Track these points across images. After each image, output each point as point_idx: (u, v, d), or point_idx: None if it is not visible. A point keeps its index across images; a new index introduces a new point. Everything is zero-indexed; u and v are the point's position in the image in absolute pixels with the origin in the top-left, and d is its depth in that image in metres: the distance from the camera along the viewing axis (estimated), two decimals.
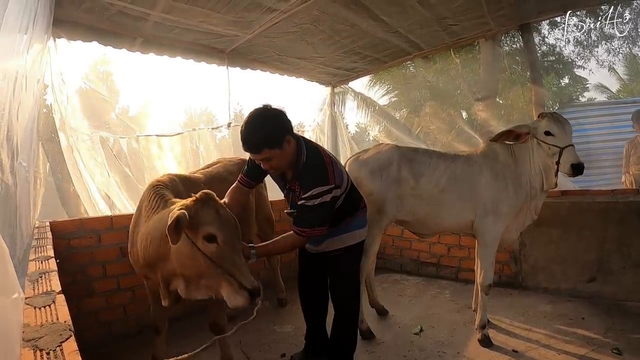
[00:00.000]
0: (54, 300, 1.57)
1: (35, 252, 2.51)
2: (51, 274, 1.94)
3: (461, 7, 4.67)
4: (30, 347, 1.17)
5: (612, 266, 4.57)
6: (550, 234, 4.85)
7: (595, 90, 19.09)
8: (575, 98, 16.85)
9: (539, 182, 3.68)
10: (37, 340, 1.22)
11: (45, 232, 3.22)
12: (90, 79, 6.77)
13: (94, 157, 4.66)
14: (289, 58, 6.07)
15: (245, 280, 2.21)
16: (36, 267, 2.10)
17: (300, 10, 4.35)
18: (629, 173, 6.91)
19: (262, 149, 2.56)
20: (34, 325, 1.33)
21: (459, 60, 7.47)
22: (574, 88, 16.57)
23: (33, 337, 1.24)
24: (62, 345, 1.20)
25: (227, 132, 6.41)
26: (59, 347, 1.19)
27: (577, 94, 17.42)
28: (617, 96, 18.89)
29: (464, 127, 7.09)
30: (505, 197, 3.70)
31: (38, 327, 1.32)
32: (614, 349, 3.51)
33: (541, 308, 4.50)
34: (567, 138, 3.45)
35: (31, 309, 1.47)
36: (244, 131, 2.57)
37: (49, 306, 1.52)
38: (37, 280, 1.84)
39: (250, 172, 3.00)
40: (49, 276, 1.90)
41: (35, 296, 1.62)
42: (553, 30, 12.28)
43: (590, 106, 13.69)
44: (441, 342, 3.83)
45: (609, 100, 17.28)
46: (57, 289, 1.72)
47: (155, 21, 4.43)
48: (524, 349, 3.63)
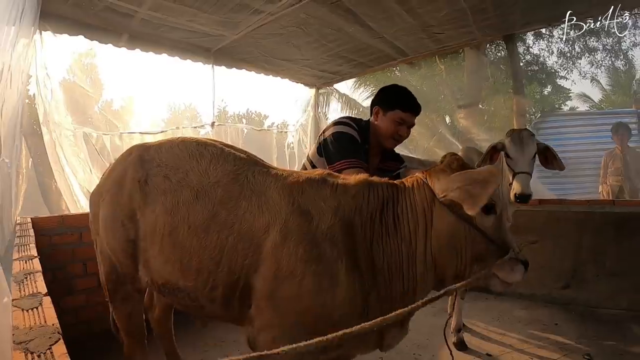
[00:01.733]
0: (40, 303, 1.57)
1: (19, 251, 2.48)
2: (36, 274, 1.93)
3: (447, 16, 4.73)
4: (21, 350, 1.19)
5: (587, 274, 4.68)
6: (528, 241, 4.92)
7: (578, 99, 19.35)
8: (558, 107, 17.08)
9: (506, 193, 3.71)
10: (28, 343, 1.23)
11: (27, 228, 3.20)
12: (74, 71, 6.74)
13: (77, 154, 4.64)
14: (275, 59, 6.10)
15: (517, 249, 1.85)
16: (20, 267, 2.08)
17: (287, 13, 4.38)
18: (607, 184, 7.03)
19: (418, 113, 2.76)
20: (23, 328, 1.35)
21: (443, 66, 7.55)
22: (556, 97, 16.79)
23: (23, 340, 1.25)
24: (51, 348, 1.21)
25: (210, 130, 6.39)
26: (49, 350, 1.21)
27: (560, 103, 17.65)
28: (599, 106, 19.18)
29: (446, 134, 7.17)
30: None
31: (27, 330, 1.34)
32: (586, 354, 3.59)
33: (516, 313, 4.58)
34: (523, 164, 3.34)
35: (19, 311, 1.48)
36: (410, 95, 2.72)
37: (36, 308, 1.52)
38: (23, 281, 1.83)
39: (361, 157, 2.66)
40: (34, 277, 1.89)
41: (22, 298, 1.63)
42: (538, 41, 12.49)
43: (571, 116, 13.86)
44: (417, 345, 3.88)
45: (590, 111, 17.53)
46: (43, 290, 1.71)
47: (142, 18, 4.44)
48: (498, 352, 3.70)
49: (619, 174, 6.82)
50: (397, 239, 1.83)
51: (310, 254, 1.72)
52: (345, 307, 1.72)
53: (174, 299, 2.12)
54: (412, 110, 2.69)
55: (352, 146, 2.63)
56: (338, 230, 1.77)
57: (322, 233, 1.76)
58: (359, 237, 1.81)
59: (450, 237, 1.80)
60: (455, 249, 1.81)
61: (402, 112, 2.67)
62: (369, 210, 1.86)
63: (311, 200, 1.83)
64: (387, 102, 2.73)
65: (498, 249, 1.80)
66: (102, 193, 2.29)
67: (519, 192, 3.24)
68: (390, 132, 2.72)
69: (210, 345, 3.86)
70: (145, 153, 2.22)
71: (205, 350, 3.75)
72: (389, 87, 2.83)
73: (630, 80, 18.46)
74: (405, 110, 2.67)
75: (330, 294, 1.71)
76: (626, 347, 3.73)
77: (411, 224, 1.84)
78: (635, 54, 13.53)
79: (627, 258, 4.49)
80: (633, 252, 4.46)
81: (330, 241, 1.75)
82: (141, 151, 2.25)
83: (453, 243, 1.81)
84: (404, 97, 2.70)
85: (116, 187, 2.20)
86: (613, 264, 4.57)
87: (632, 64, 17.16)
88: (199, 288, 1.92)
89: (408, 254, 1.83)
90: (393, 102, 2.69)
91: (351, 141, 2.65)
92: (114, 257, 2.25)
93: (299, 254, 1.73)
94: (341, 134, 2.64)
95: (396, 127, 2.70)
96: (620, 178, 6.82)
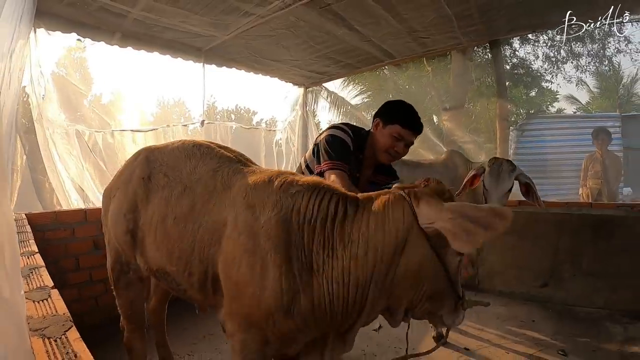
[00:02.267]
0: (49, 295, 1.68)
1: (20, 247, 2.54)
2: (40, 269, 2.02)
3: (433, 21, 4.84)
4: (38, 336, 1.30)
5: (564, 274, 4.83)
6: (507, 241, 5.06)
7: (565, 101, 19.54)
8: (545, 108, 17.20)
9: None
10: (44, 330, 1.34)
11: (24, 225, 3.25)
12: (65, 65, 6.74)
13: (69, 151, 4.69)
14: (264, 59, 6.16)
15: (461, 295, 1.81)
16: (24, 263, 2.16)
17: (277, 16, 4.46)
18: (586, 186, 7.18)
19: (419, 133, 2.70)
20: (37, 317, 1.45)
21: (430, 68, 7.67)
22: (543, 98, 16.91)
23: (39, 327, 1.35)
24: (66, 334, 1.33)
25: (200, 127, 6.44)
26: (63, 335, 1.32)
27: (547, 104, 17.74)
28: (586, 108, 19.39)
29: (430, 135, 7.26)
30: None
31: (41, 318, 1.44)
32: (560, 350, 3.72)
33: (495, 310, 4.69)
34: (496, 197, 3.36)
35: (31, 303, 1.58)
36: (413, 112, 2.65)
37: (45, 300, 1.62)
38: (29, 275, 1.92)
39: (347, 160, 2.62)
40: (39, 272, 1.98)
41: (31, 291, 1.72)
42: (524, 45, 12.62)
43: (556, 118, 14.04)
44: (398, 339, 3.97)
45: (575, 114, 17.73)
46: (50, 284, 1.81)
47: (135, 18, 4.48)
48: (475, 347, 3.83)
49: (599, 177, 6.97)
50: (346, 255, 1.70)
51: (247, 245, 1.78)
52: (270, 300, 1.71)
53: (167, 284, 2.28)
54: (411, 128, 2.62)
55: (340, 149, 2.60)
56: (273, 225, 1.75)
57: (260, 226, 1.77)
58: (295, 236, 1.75)
59: (418, 268, 1.68)
60: (418, 282, 1.71)
61: (400, 128, 2.61)
62: (308, 212, 1.77)
63: (259, 195, 1.86)
64: (388, 115, 2.67)
65: (453, 292, 1.77)
66: (113, 190, 2.51)
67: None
68: (386, 146, 2.66)
69: (200, 338, 3.94)
70: (151, 154, 2.44)
71: (194, 343, 3.83)
72: (394, 102, 2.79)
73: (616, 84, 18.68)
74: (404, 126, 2.60)
75: (259, 285, 1.73)
76: (600, 344, 3.85)
77: (370, 244, 1.67)
78: (620, 59, 13.68)
79: (603, 259, 4.64)
80: (609, 253, 4.61)
81: (265, 234, 1.75)
82: (148, 153, 2.47)
83: (419, 275, 1.70)
84: (406, 113, 2.65)
85: (124, 185, 2.41)
86: (590, 264, 4.71)
87: (616, 69, 17.40)
88: (180, 273, 2.07)
89: (358, 276, 1.68)
90: (394, 116, 2.64)
91: (341, 145, 2.62)
92: (118, 246, 2.43)
93: (241, 245, 1.80)
94: (334, 137, 2.64)
95: (393, 142, 2.64)
96: (599, 181, 6.96)
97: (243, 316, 1.83)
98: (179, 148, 2.37)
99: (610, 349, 3.76)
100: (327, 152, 2.58)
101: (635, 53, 12.68)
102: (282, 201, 1.81)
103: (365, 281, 1.69)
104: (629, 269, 4.52)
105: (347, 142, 2.64)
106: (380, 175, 2.90)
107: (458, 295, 1.79)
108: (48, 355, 1.18)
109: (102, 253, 4.03)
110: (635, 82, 18.89)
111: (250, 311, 1.79)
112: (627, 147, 10.35)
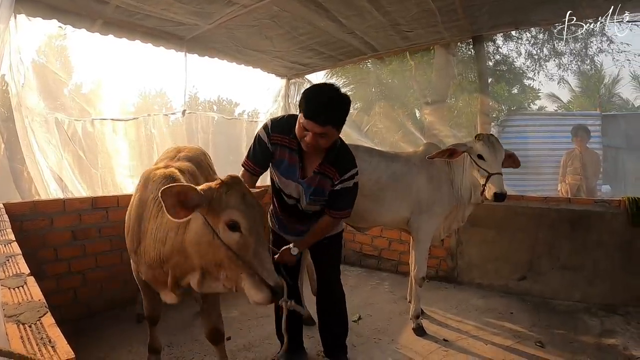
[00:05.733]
0: (25, 282, 1.66)
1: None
2: (17, 257, 2.00)
3: (416, 15, 4.84)
4: (13, 322, 1.28)
5: (542, 267, 4.92)
6: (486, 234, 5.14)
7: (547, 99, 19.64)
8: (527, 105, 17.33)
9: (467, 195, 3.89)
10: (18, 316, 1.32)
11: (1, 214, 3.20)
12: (46, 53, 6.63)
13: (49, 139, 4.59)
14: (247, 50, 6.11)
15: (268, 276, 2.00)
16: (1, 251, 2.15)
17: (260, 6, 4.43)
18: (565, 182, 7.26)
19: (327, 124, 2.45)
20: (12, 304, 1.43)
21: (413, 62, 7.68)
22: (525, 96, 17.02)
23: (14, 314, 1.34)
24: (41, 320, 1.31)
25: (181, 117, 6.38)
26: (38, 321, 1.30)
27: (529, 101, 17.87)
28: (567, 106, 19.55)
29: (411, 129, 7.27)
30: (438, 199, 3.92)
31: (16, 305, 1.43)
32: (537, 342, 3.81)
33: (473, 302, 4.77)
34: (497, 165, 3.57)
35: (6, 290, 1.57)
36: (320, 102, 2.45)
37: (21, 287, 1.61)
38: (5, 263, 1.90)
39: (257, 158, 2.81)
40: (15, 259, 1.96)
41: (7, 278, 1.70)
42: (507, 42, 12.69)
43: (537, 116, 14.17)
44: (378, 330, 4.04)
45: (556, 112, 17.92)
46: (26, 271, 1.79)
47: (117, 5, 4.40)
48: (454, 338, 3.88)
49: (578, 174, 7.05)
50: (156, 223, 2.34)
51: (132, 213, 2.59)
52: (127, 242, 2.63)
53: None
54: (313, 119, 2.44)
55: (253, 146, 2.83)
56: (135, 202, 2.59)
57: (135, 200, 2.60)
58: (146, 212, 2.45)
59: (196, 239, 2.10)
60: (199, 249, 2.11)
61: (303, 118, 2.49)
62: (153, 194, 2.40)
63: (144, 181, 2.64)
64: (300, 103, 2.55)
65: (244, 264, 2.01)
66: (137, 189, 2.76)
67: (500, 191, 3.46)
68: (299, 135, 2.59)
69: (179, 328, 3.95)
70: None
71: (174, 334, 3.84)
72: (308, 89, 2.65)
73: (598, 84, 18.90)
74: (306, 117, 2.46)
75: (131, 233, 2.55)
76: (576, 336, 3.94)
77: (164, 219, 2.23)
78: (602, 59, 13.80)
79: (581, 253, 4.73)
80: (586, 247, 4.70)
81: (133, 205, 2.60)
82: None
83: (199, 245, 2.10)
84: (310, 103, 2.47)
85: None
86: (567, 258, 4.80)
87: (598, 69, 17.59)
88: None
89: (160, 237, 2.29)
90: (301, 105, 2.52)
91: (256, 141, 2.81)
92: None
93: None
94: (256, 135, 2.83)
95: (302, 132, 2.54)
96: (578, 177, 7.04)
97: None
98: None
99: (587, 341, 3.84)
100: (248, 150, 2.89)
101: (617, 53, 12.78)
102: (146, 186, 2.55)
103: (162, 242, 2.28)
104: (605, 264, 4.62)
105: (261, 137, 2.81)
106: (327, 166, 2.75)
107: (261, 277, 1.99)
108: (22, 341, 1.18)
109: (81, 244, 3.99)
110: (617, 83, 19.14)
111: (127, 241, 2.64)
112: (607, 146, 10.48)
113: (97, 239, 4.18)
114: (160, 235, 2.27)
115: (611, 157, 10.72)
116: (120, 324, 3.99)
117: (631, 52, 12.78)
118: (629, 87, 20.58)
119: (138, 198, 2.54)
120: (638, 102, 19.39)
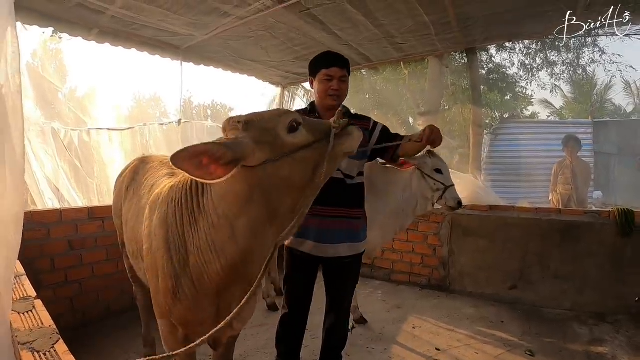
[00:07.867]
0: (34, 306, 1.70)
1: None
2: (21, 277, 2.02)
3: (410, 28, 4.90)
4: (27, 350, 1.32)
5: (533, 276, 4.97)
6: (478, 243, 5.19)
7: (540, 105, 19.79)
8: (520, 111, 17.42)
9: (411, 207, 3.94)
10: (32, 344, 1.36)
11: None
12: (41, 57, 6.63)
13: (45, 149, 4.62)
14: (243, 59, 6.16)
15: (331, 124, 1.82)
16: None
17: (256, 18, 4.47)
18: (556, 192, 7.30)
19: (345, 67, 2.80)
20: (23, 330, 1.46)
21: (407, 72, 7.73)
22: (518, 103, 17.09)
23: (27, 341, 1.38)
24: (54, 347, 1.35)
25: (176, 126, 6.39)
26: (52, 348, 1.34)
27: (522, 108, 17.95)
28: (560, 113, 19.68)
29: None
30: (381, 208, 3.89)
31: (28, 331, 1.46)
32: (528, 350, 3.85)
33: (465, 311, 4.81)
34: (450, 178, 3.83)
35: (16, 315, 1.59)
36: (328, 53, 2.87)
37: (30, 312, 1.64)
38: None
39: None
40: (20, 280, 1.98)
41: (15, 302, 1.72)
42: (500, 52, 12.79)
43: (529, 124, 14.22)
44: (371, 339, 4.08)
45: (548, 120, 18.03)
46: (33, 294, 1.82)
47: (113, 15, 4.43)
48: (446, 347, 3.93)
49: (569, 183, 7.08)
50: (206, 225, 1.72)
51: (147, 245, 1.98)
52: (162, 287, 1.86)
53: None
54: (334, 64, 2.77)
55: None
56: (156, 224, 1.90)
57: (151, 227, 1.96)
58: (170, 227, 1.82)
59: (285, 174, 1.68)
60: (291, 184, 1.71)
61: (326, 70, 2.77)
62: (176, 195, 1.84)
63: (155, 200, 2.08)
64: (312, 69, 2.88)
65: (324, 139, 1.75)
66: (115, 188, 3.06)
67: (460, 200, 3.72)
68: (324, 91, 2.80)
69: None
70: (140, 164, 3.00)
71: None
72: (313, 58, 2.94)
73: (590, 90, 19.02)
74: (327, 67, 2.77)
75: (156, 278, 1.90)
76: (566, 344, 3.99)
77: (219, 211, 1.69)
78: (594, 68, 13.94)
79: (571, 262, 4.79)
80: (576, 257, 4.76)
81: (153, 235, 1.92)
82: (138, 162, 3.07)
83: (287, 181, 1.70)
84: (322, 57, 2.84)
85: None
86: (557, 268, 4.86)
87: (590, 77, 17.73)
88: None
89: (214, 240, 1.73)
90: (316, 67, 2.83)
91: None
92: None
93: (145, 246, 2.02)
94: None
95: (327, 85, 2.78)
96: (569, 187, 7.07)
97: (155, 306, 2.02)
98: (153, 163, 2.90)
99: (576, 350, 3.89)
100: None
101: (608, 64, 12.89)
102: (163, 200, 1.94)
103: (222, 243, 1.71)
104: (594, 273, 4.68)
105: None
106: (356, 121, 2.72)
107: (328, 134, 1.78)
108: None
109: (78, 253, 4.01)
110: (609, 89, 19.26)
111: (156, 301, 1.98)
112: (598, 152, 10.55)
113: (94, 248, 4.22)
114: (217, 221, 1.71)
115: (602, 163, 10.79)
116: (117, 333, 4.01)
117: (622, 63, 12.95)
118: (621, 93, 20.76)
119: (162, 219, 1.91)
120: (630, 108, 19.59)
